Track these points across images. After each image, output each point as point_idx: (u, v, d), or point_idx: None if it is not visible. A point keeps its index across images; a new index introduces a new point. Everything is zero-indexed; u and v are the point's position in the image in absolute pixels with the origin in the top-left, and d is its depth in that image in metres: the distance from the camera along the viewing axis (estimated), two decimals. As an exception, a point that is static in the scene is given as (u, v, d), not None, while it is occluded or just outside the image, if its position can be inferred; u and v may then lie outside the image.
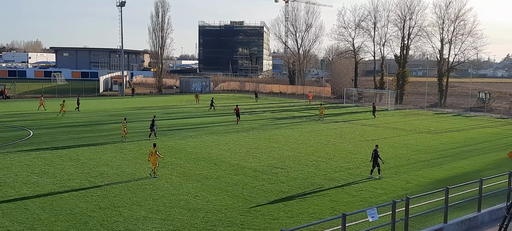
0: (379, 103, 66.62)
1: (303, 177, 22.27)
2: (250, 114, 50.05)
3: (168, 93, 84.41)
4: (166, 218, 16.18)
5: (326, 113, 52.78)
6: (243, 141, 32.46)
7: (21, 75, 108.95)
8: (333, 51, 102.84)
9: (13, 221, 15.61)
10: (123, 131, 32.65)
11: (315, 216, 16.57)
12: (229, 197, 18.78)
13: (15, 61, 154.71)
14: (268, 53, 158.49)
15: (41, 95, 60.83)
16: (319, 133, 37.29)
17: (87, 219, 15.93)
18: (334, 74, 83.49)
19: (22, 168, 23.36)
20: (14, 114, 47.09)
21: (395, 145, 32.24)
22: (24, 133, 34.89)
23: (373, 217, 12.19)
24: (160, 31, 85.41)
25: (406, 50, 70.50)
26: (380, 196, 19.35)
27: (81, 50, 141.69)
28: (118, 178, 21.54)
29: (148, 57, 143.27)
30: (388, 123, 45.37)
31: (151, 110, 52.86)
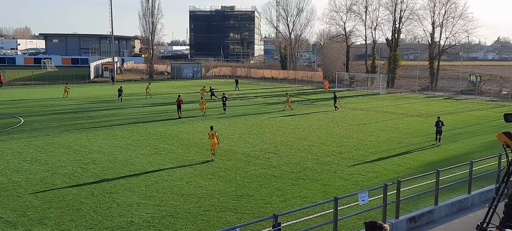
0: (371, 87, 66.86)
1: (296, 162, 22.39)
2: (242, 100, 50.03)
3: (159, 79, 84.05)
4: (160, 204, 16.23)
5: (318, 98, 52.86)
6: (235, 126, 32.50)
7: (11, 62, 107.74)
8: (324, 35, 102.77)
9: (6, 209, 15.59)
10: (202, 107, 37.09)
11: (307, 200, 16.71)
12: (222, 182, 18.86)
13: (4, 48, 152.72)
14: (260, 38, 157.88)
15: (66, 83, 60.22)
16: (311, 117, 37.41)
17: (80, 206, 15.94)
18: (325, 59, 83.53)
19: (13, 155, 23.26)
20: (4, 102, 46.68)
21: (386, 128, 32.46)
22: (14, 120, 34.66)
23: (364, 200, 12.32)
24: (150, 17, 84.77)
25: (397, 34, 70.62)
26: (372, 179, 19.53)
27: (70, 36, 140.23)
28: (111, 165, 21.52)
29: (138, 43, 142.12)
30: (379, 106, 45.59)
31: (143, 96, 52.64)
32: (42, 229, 13.90)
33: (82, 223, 14.39)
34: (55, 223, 14.41)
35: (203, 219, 14.89)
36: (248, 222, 13.34)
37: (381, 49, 77.55)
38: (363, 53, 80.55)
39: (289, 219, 14.48)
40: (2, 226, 14.13)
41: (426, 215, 14.29)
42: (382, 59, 75.13)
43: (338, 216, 12.04)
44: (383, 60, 74.27)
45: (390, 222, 13.08)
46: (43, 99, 49.88)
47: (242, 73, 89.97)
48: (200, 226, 14.26)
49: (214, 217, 15.02)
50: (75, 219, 14.77)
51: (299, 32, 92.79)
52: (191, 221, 14.71)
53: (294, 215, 14.71)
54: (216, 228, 13.99)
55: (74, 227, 14.07)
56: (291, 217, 14.59)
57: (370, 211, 14.34)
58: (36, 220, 14.64)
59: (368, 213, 14.27)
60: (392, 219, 13.53)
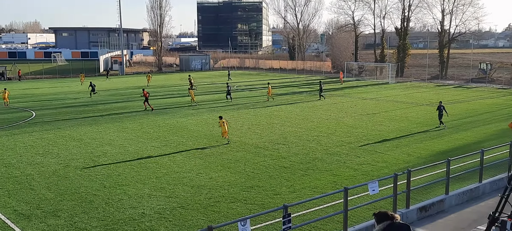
0: (380, 76, 66.52)
1: (305, 152, 22.43)
2: (250, 91, 50.06)
3: (168, 71, 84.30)
4: (170, 195, 16.38)
5: (327, 88, 52.74)
6: (244, 118, 32.57)
7: (21, 56, 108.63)
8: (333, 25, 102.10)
9: (20, 201, 15.83)
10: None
11: (317, 191, 16.76)
12: (232, 174, 18.96)
13: (15, 42, 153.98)
14: (268, 29, 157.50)
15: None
16: (320, 108, 37.37)
17: (92, 198, 16.14)
18: (334, 49, 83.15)
19: (26, 148, 23.55)
20: (16, 95, 47.11)
21: (396, 118, 32.34)
22: (26, 114, 35.03)
23: (374, 190, 12.34)
24: (158, 9, 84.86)
25: (406, 22, 70.05)
26: (382, 169, 19.52)
27: (80, 30, 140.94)
28: (121, 157, 21.72)
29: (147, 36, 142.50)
30: (389, 96, 45.39)
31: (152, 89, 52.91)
32: (55, 221, 14.11)
33: (95, 215, 14.58)
34: (68, 215, 14.62)
35: (213, 210, 15.02)
36: (258, 213, 13.44)
37: (390, 38, 77.04)
38: (372, 42, 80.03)
39: (299, 209, 14.55)
40: (17, 218, 14.37)
41: (437, 204, 14.29)
42: (391, 48, 74.64)
43: (348, 206, 12.09)
44: (392, 49, 73.78)
45: (400, 211, 13.10)
46: (54, 93, 50.31)
47: (251, 65, 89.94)
48: (211, 217, 14.38)
49: (224, 208, 15.14)
50: (88, 211, 14.96)
51: (307, 22, 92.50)
52: (201, 212, 14.83)
53: (304, 206, 14.78)
54: (227, 219, 14.10)
55: (87, 219, 14.27)
56: (301, 208, 14.66)
57: (380, 201, 14.35)
58: (49, 212, 14.86)
59: (378, 203, 14.30)
60: (402, 208, 13.56)
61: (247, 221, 9.32)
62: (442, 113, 28.46)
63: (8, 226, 13.82)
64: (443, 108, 28.56)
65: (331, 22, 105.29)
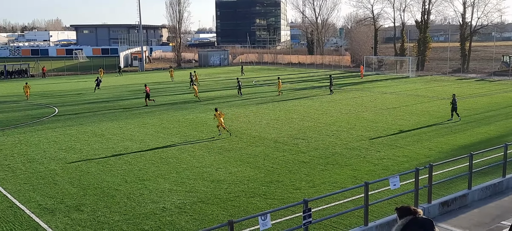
0: (400, 70, 65.77)
1: (324, 147, 22.35)
2: (268, 86, 50.02)
3: (187, 67, 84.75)
4: (191, 190, 16.51)
5: (346, 83, 52.43)
6: (263, 113, 32.58)
7: (44, 53, 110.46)
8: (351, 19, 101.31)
9: (44, 196, 16.16)
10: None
11: (337, 185, 16.70)
12: (251, 168, 19.01)
13: (37, 40, 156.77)
14: (286, 23, 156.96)
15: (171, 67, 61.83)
16: (340, 102, 37.15)
17: (114, 193, 16.38)
18: (353, 43, 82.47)
19: (49, 144, 23.99)
20: (39, 92, 48.00)
21: (416, 112, 31.96)
22: (49, 110, 35.66)
23: (395, 185, 12.24)
24: (177, 5, 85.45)
25: (427, 15, 69.02)
26: (402, 163, 19.33)
27: (100, 27, 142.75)
28: (142, 152, 21.96)
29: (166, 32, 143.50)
30: (409, 90, 44.86)
31: (171, 84, 53.28)
32: (79, 216, 14.36)
33: (117, 210, 14.80)
34: (91, 209, 14.86)
35: (233, 204, 15.09)
36: (278, 208, 13.45)
37: (410, 31, 76.08)
38: (392, 36, 79.14)
39: (319, 204, 14.53)
40: (41, 212, 14.67)
41: (459, 199, 14.10)
42: (411, 42, 73.70)
43: (369, 201, 12.02)
44: (412, 43, 72.83)
45: (422, 206, 12.97)
46: (76, 89, 51.06)
47: (269, 60, 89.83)
48: (231, 212, 14.45)
49: (244, 203, 15.20)
50: (110, 205, 15.19)
51: (326, 16, 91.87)
52: (221, 207, 14.92)
53: (323, 201, 14.75)
54: (247, 214, 14.16)
55: (109, 214, 14.48)
56: (320, 203, 14.63)
57: (401, 196, 14.23)
58: (73, 207, 15.13)
59: (399, 198, 14.18)
60: (424, 203, 13.43)
61: (267, 216, 9.35)
62: (456, 106, 28.54)
63: (33, 220, 14.12)
64: (455, 101, 28.77)
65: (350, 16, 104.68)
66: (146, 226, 13.54)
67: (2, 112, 35.52)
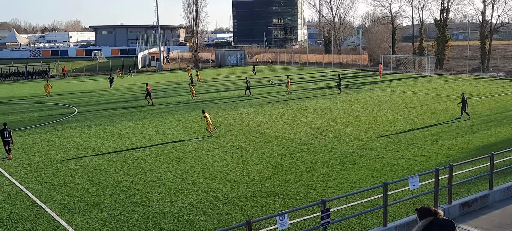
0: (418, 69, 65.02)
1: (342, 147, 22.22)
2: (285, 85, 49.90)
3: (204, 67, 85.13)
4: (208, 189, 16.58)
5: (364, 82, 52.05)
6: (280, 112, 32.54)
7: (63, 54, 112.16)
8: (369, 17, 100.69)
9: (64, 195, 16.39)
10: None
11: (355, 185, 16.59)
12: (268, 168, 19.00)
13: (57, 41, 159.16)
14: (303, 22, 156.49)
15: (194, 69, 62.73)
16: (357, 102, 36.90)
17: (133, 192, 16.53)
18: (370, 42, 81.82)
19: (69, 144, 24.34)
20: (59, 92, 48.74)
21: (435, 111, 31.56)
22: (69, 110, 36.17)
23: (415, 185, 12.10)
24: (194, 6, 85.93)
25: (446, 14, 68.08)
26: (422, 163, 19.12)
27: (119, 27, 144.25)
28: (160, 152, 22.13)
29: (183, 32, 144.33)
30: (428, 89, 44.34)
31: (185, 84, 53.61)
32: (98, 214, 14.54)
33: (135, 209, 14.94)
34: (110, 208, 15.03)
35: (251, 204, 15.10)
36: (296, 208, 13.42)
37: (428, 30, 75.11)
38: (410, 34, 78.27)
39: (337, 204, 14.45)
40: (62, 211, 14.89)
41: (480, 200, 13.87)
42: (430, 40, 72.79)
43: (388, 201, 11.90)
44: (431, 41, 71.93)
45: (442, 207, 12.80)
46: (95, 89, 51.71)
47: (286, 59, 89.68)
48: (248, 212, 14.47)
49: (261, 203, 15.20)
50: (129, 204, 15.34)
51: (343, 15, 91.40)
52: (239, 206, 14.95)
53: (341, 201, 14.66)
54: (264, 214, 14.16)
55: (128, 213, 14.63)
56: (338, 203, 14.55)
57: (420, 196, 14.07)
58: (92, 205, 15.32)
59: (418, 198, 14.02)
60: (444, 204, 13.25)
61: (285, 216, 9.33)
62: (466, 104, 28.46)
63: (53, 218, 14.33)
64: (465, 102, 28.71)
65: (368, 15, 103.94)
66: (164, 225, 13.64)
67: (23, 112, 36.15)
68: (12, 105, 40.43)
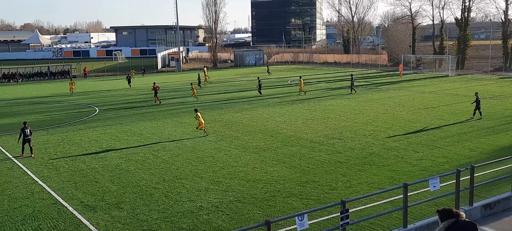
0: (439, 69, 64.17)
1: (361, 147, 22.08)
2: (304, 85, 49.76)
3: (223, 67, 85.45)
4: (227, 189, 16.66)
5: (383, 82, 51.61)
6: (298, 112, 32.48)
7: (85, 54, 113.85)
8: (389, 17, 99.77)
9: (85, 193, 16.67)
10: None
11: (374, 186, 16.48)
12: (287, 168, 19.00)
13: (79, 42, 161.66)
14: (321, 22, 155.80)
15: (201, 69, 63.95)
16: (376, 102, 36.61)
17: (153, 191, 16.72)
18: (390, 41, 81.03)
19: (90, 143, 24.72)
20: (80, 92, 49.49)
21: (456, 112, 31.12)
22: (90, 110, 36.72)
23: (435, 186, 11.96)
24: (213, 6, 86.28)
25: (467, 13, 67.01)
26: (442, 164, 18.89)
27: (139, 28, 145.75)
28: (179, 151, 22.31)
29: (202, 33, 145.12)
30: (448, 89, 43.74)
31: (208, 85, 53.88)
32: (119, 213, 14.74)
33: (155, 208, 15.10)
34: (130, 207, 15.23)
35: (269, 204, 15.13)
36: (315, 208, 13.41)
37: (449, 29, 74.07)
38: (430, 34, 77.30)
39: (356, 205, 14.38)
40: (83, 209, 15.14)
41: (503, 202, 13.63)
42: (451, 40, 71.75)
43: (408, 202, 11.79)
44: (451, 41, 70.89)
45: (463, 209, 12.62)
46: (115, 89, 52.37)
47: (304, 59, 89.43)
48: (267, 212, 14.50)
49: (280, 203, 15.22)
50: (148, 203, 15.52)
51: (362, 15, 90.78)
52: (257, 206, 14.99)
53: (361, 202, 14.59)
54: (282, 214, 14.18)
55: (148, 211, 14.80)
56: (357, 203, 14.48)
57: (441, 198, 13.90)
58: (113, 204, 15.54)
59: (439, 200, 13.85)
60: (465, 206, 13.06)
61: (304, 216, 9.33)
62: (479, 104, 28.34)
63: (75, 217, 14.59)
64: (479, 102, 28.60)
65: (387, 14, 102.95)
66: (183, 224, 13.76)
67: (46, 112, 36.83)
68: (36, 105, 41.22)
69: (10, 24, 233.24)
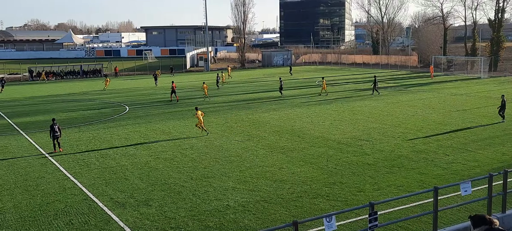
0: (470, 71, 62.70)
1: (390, 149, 21.80)
2: (332, 86, 49.47)
3: (250, 67, 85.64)
4: (253, 189, 16.72)
5: (413, 84, 50.80)
6: (326, 113, 32.30)
7: (116, 54, 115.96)
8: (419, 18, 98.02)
9: (115, 190, 17.00)
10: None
11: (403, 189, 16.25)
12: (314, 169, 18.93)
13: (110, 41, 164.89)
14: (350, 23, 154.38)
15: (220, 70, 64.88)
16: (406, 104, 36.05)
17: (181, 189, 16.92)
18: (420, 42, 79.59)
19: (120, 141, 25.19)
20: (111, 91, 50.45)
21: (489, 115, 30.35)
22: (121, 109, 37.40)
23: (466, 191, 11.71)
24: (242, 6, 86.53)
25: (501, 14, 65.27)
26: (473, 168, 18.47)
27: (168, 28, 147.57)
28: (207, 150, 22.50)
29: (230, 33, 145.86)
30: (481, 91, 42.70)
31: (235, 85, 54.12)
32: (147, 210, 14.98)
33: (183, 206, 15.28)
34: (158, 204, 15.46)
35: (296, 205, 15.11)
36: (343, 210, 13.32)
37: (482, 30, 72.29)
38: (462, 35, 75.58)
39: (384, 208, 14.22)
40: (113, 206, 15.45)
41: (537, 208, 13.24)
42: (484, 41, 70.00)
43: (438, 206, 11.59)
44: (484, 42, 69.15)
45: (495, 215, 12.31)
46: (145, 88, 53.17)
47: (333, 59, 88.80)
48: (293, 212, 14.48)
49: (306, 204, 15.17)
50: (176, 201, 15.71)
51: (392, 16, 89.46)
52: (284, 206, 14.99)
53: (389, 204, 14.42)
54: (309, 215, 14.14)
55: (176, 209, 14.99)
56: (386, 206, 14.32)
57: (472, 203, 13.61)
58: (142, 201, 15.81)
59: (470, 205, 13.58)
60: (498, 213, 12.73)
61: (332, 218, 9.29)
62: (505, 107, 27.98)
63: (105, 213, 14.90)
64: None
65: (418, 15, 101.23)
66: (210, 222, 13.88)
67: (78, 109, 37.70)
68: (68, 102, 42.24)
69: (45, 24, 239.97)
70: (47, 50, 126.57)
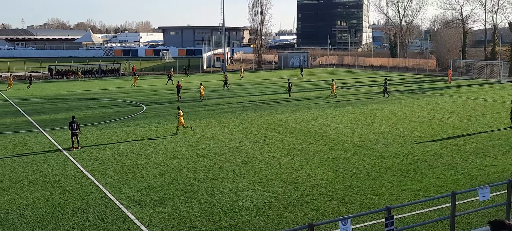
0: (490, 75, 61.77)
1: (406, 153, 21.62)
2: (349, 88, 49.22)
3: (267, 68, 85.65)
4: (268, 190, 16.74)
5: (431, 87, 50.27)
6: (342, 116, 32.16)
7: (134, 53, 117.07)
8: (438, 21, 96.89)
9: (132, 188, 17.18)
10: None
11: (419, 194, 16.11)
12: (329, 172, 18.87)
13: (128, 41, 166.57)
14: (368, 25, 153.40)
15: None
16: (423, 107, 35.70)
17: (196, 189, 17.03)
18: (439, 46, 78.68)
19: (137, 140, 25.43)
20: (129, 90, 50.95)
21: (507, 120, 29.78)
22: (138, 108, 37.76)
23: (485, 196, 11.58)
24: (259, 8, 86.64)
25: (523, 17, 64.11)
26: (492, 174, 18.22)
27: (186, 28, 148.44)
28: (222, 151, 22.59)
29: (247, 34, 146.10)
30: (500, 96, 42.05)
31: (252, 86, 54.22)
32: (163, 209, 15.11)
33: (198, 205, 15.38)
34: (174, 203, 15.58)
35: (310, 207, 15.09)
36: (359, 213, 13.28)
37: (502, 34, 71.17)
38: (481, 39, 74.54)
39: (400, 212, 14.11)
40: (129, 204, 15.62)
41: (556, 216, 13.01)
42: (504, 45, 68.91)
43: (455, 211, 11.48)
44: (504, 47, 68.07)
45: (513, 221, 12.14)
46: (162, 88, 53.53)
47: (349, 62, 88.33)
48: (308, 215, 14.47)
49: (321, 206, 15.14)
50: (191, 201, 15.82)
51: (411, 18, 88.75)
52: (299, 208, 14.98)
53: (405, 209, 14.31)
54: (324, 218, 14.11)
55: (191, 209, 15.09)
56: (402, 210, 14.21)
57: (490, 209, 13.44)
58: (157, 200, 15.95)
59: (487, 211, 13.41)
60: (515, 218, 12.56)
61: (348, 221, 9.27)
62: None
63: (121, 211, 15.07)
64: None
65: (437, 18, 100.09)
66: (225, 223, 13.94)
67: (96, 108, 38.15)
68: (86, 101, 42.77)
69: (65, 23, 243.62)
70: (67, 49, 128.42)
